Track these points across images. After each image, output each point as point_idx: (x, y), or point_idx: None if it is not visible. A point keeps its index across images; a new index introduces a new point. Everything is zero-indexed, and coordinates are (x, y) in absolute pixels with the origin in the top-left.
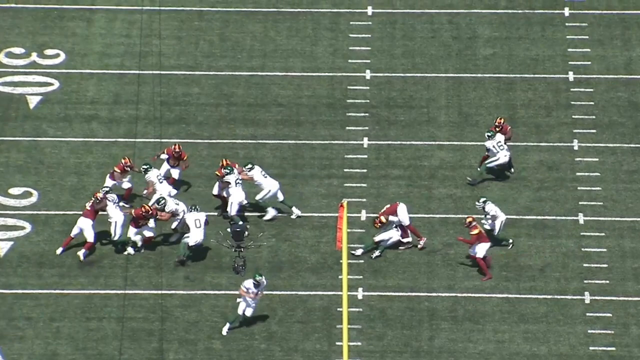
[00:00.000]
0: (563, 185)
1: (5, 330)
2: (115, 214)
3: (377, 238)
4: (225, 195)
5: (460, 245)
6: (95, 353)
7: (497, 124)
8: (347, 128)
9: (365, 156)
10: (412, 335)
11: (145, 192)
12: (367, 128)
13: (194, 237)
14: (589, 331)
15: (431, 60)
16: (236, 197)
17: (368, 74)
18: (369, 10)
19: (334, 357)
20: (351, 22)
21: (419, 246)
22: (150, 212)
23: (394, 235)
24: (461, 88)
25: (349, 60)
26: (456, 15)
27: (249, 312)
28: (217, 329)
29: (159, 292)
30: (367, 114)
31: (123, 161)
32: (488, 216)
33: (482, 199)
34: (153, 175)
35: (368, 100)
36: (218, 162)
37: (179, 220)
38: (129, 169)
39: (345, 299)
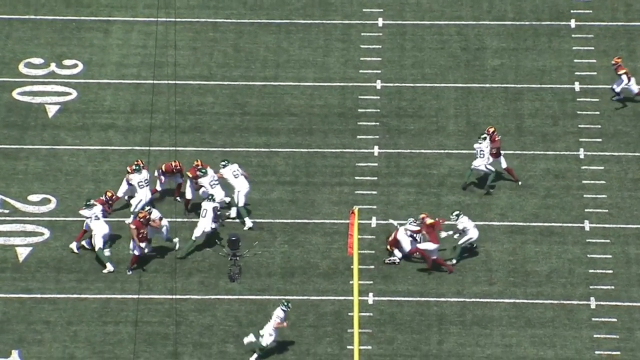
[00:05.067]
0: (569, 193)
1: (25, 333)
2: (99, 227)
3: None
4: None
5: (469, 251)
6: (112, 356)
7: (486, 132)
8: (358, 137)
9: (376, 164)
10: (421, 339)
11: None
12: (377, 137)
13: (200, 227)
14: (595, 336)
15: (440, 71)
16: (218, 196)
17: (379, 84)
18: (380, 22)
19: None
20: (362, 34)
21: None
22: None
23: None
24: (469, 98)
25: (360, 71)
26: (465, 27)
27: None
28: (231, 332)
29: (174, 297)
30: (377, 123)
31: (173, 164)
32: (458, 228)
33: (456, 213)
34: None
35: (378, 110)
36: None
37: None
38: (176, 171)
39: (356, 303)
